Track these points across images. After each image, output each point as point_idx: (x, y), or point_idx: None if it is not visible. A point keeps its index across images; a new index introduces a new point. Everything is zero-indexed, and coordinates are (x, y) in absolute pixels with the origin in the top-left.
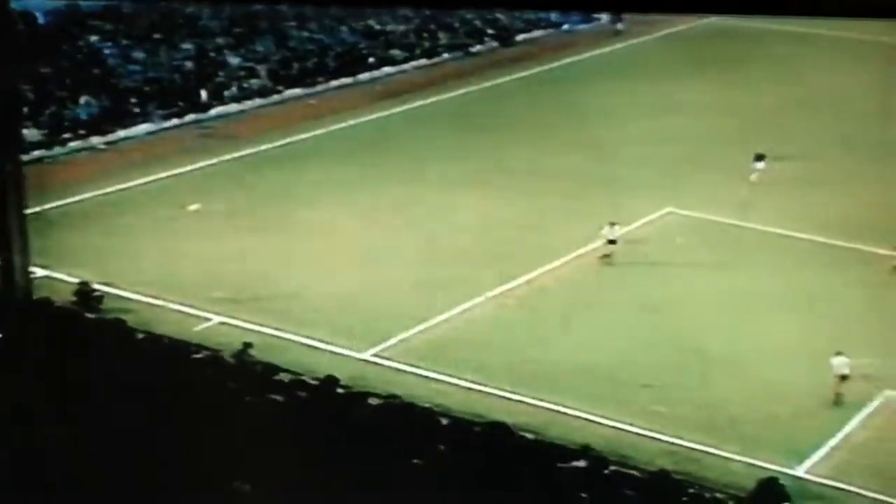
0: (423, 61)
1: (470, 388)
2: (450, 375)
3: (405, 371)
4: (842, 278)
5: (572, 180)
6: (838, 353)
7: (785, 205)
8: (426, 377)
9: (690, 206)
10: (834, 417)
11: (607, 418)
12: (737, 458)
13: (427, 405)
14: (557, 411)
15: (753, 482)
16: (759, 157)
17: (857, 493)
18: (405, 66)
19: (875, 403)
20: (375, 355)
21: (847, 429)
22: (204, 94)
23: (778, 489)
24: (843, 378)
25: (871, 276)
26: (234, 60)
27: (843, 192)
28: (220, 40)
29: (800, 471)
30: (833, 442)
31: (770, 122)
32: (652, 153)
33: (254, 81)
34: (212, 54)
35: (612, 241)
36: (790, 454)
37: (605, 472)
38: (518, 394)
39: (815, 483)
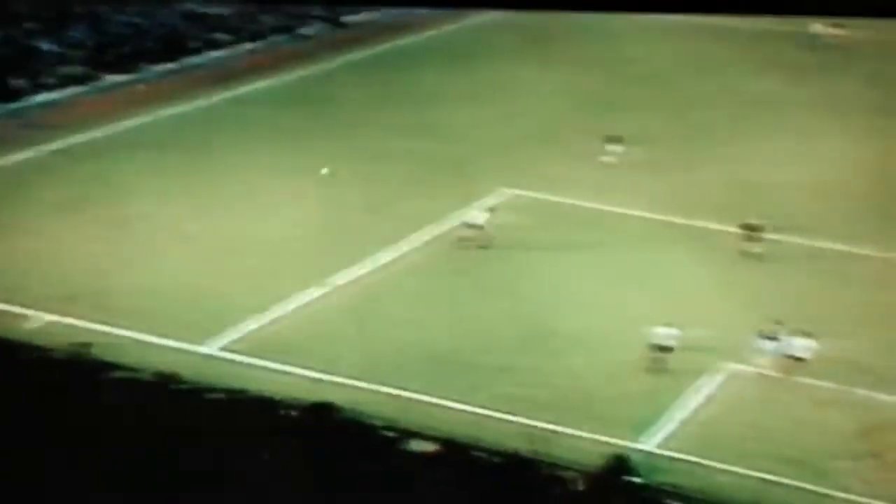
0: (251, 45)
1: (320, 380)
2: (299, 367)
3: (252, 364)
4: (688, 256)
5: (415, 164)
6: (665, 325)
7: (633, 186)
8: (274, 370)
9: (536, 187)
10: (681, 392)
11: (461, 403)
12: (588, 435)
13: (275, 398)
14: (410, 399)
15: (604, 459)
16: (612, 140)
17: (705, 465)
18: (232, 50)
19: (720, 377)
20: (222, 349)
21: (694, 402)
22: (18, 82)
23: (627, 464)
24: (664, 349)
25: (717, 253)
26: (48, 46)
27: (690, 172)
28: (30, 25)
29: (649, 445)
30: (681, 415)
31: (614, 104)
32: (496, 135)
33: (71, 68)
34: (23, 40)
35: (472, 226)
36: (639, 429)
37: (458, 456)
38: (370, 383)
39: (664, 457)
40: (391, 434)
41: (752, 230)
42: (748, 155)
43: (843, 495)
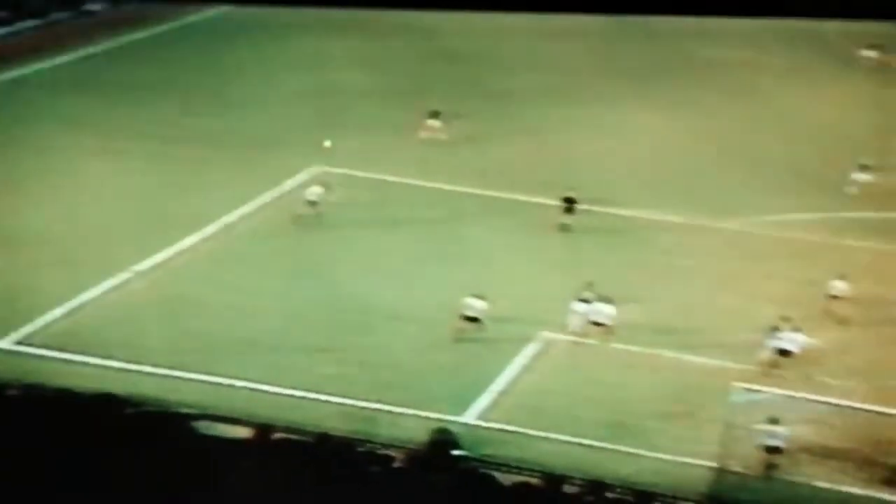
0: (31, 22)
1: (126, 370)
2: (101, 358)
3: (51, 358)
4: (505, 229)
5: (218, 143)
6: (475, 296)
7: (451, 161)
8: (75, 362)
9: (350, 164)
10: (499, 363)
11: (274, 385)
12: (408, 411)
13: (74, 391)
14: (221, 384)
15: (425, 434)
16: (434, 115)
17: (526, 434)
18: (10, 28)
19: (536, 346)
20: (18, 343)
21: (513, 372)
22: None
23: (448, 438)
24: (474, 320)
25: (533, 225)
26: None
27: (505, 146)
28: None
29: (469, 417)
30: (500, 386)
31: (429, 79)
32: (301, 111)
33: None
34: None
35: (311, 202)
36: (459, 402)
37: (272, 440)
38: (178, 370)
39: (485, 428)
40: (200, 421)
41: (566, 202)
42: (560, 126)
43: (658, 455)
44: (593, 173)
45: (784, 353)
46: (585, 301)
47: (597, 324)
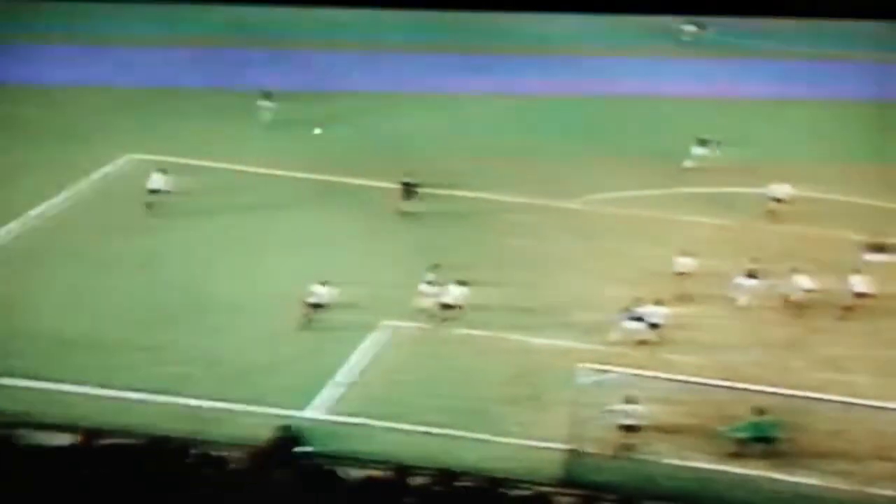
0: None
1: None
2: None
3: None
4: (346, 215)
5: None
6: (320, 283)
7: (282, 145)
8: None
9: (163, 150)
10: (345, 353)
11: (105, 388)
12: (248, 409)
13: None
14: (45, 389)
15: (267, 431)
16: (266, 95)
17: (374, 426)
18: None
19: (378, 333)
20: None
21: (355, 362)
22: None
23: (291, 435)
24: (319, 307)
25: (375, 210)
26: None
27: (344, 127)
28: None
29: (312, 412)
30: (342, 377)
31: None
32: (112, 98)
33: None
34: None
35: (152, 191)
36: (302, 396)
37: (97, 445)
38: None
39: (331, 422)
40: (19, 430)
41: (405, 186)
42: (397, 107)
43: (507, 440)
44: (430, 153)
45: (653, 326)
46: (433, 283)
47: (447, 306)
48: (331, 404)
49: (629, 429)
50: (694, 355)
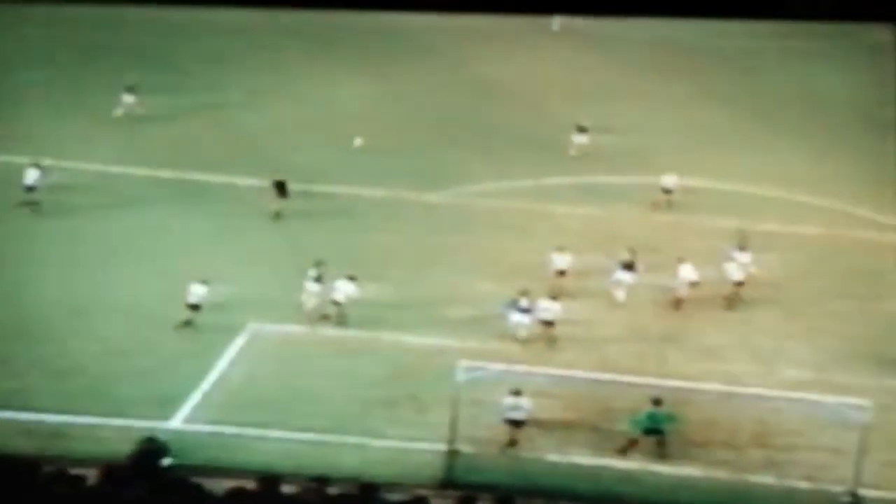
0: None
1: None
2: None
3: None
4: (210, 214)
5: None
6: (200, 282)
7: (141, 142)
8: None
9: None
10: (208, 358)
11: None
12: (108, 421)
13: None
14: None
15: (129, 445)
16: (129, 89)
17: (239, 434)
18: None
19: (242, 338)
20: None
21: (222, 368)
22: None
23: (154, 447)
24: (195, 308)
25: (245, 209)
26: None
27: (213, 124)
28: None
29: (177, 422)
30: (209, 385)
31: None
32: None
33: None
34: None
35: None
36: (165, 406)
37: None
38: None
39: (194, 432)
40: None
41: (277, 186)
42: (259, 101)
43: (385, 444)
44: (297, 149)
45: (546, 323)
46: (319, 280)
47: (338, 303)
48: (197, 413)
49: (515, 424)
50: (573, 350)
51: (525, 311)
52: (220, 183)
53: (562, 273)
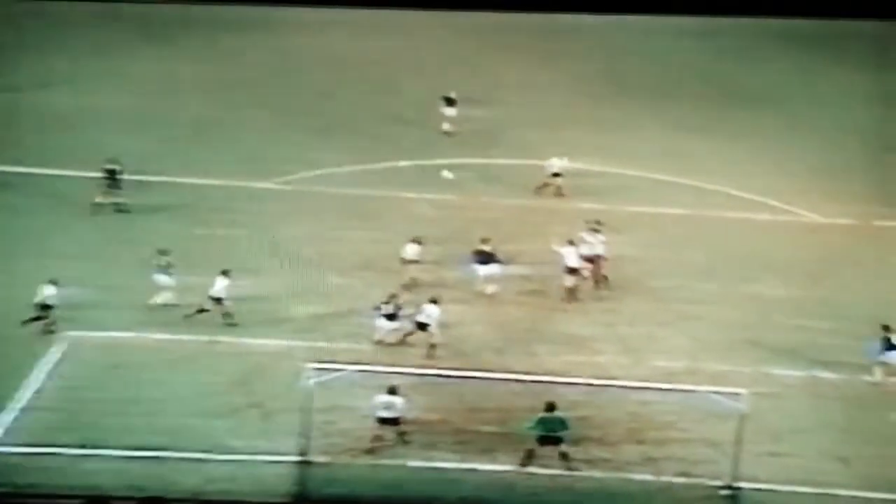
0: None
1: None
2: None
3: None
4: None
5: None
6: (51, 282)
7: None
8: None
9: None
10: (17, 372)
11: None
12: None
13: None
14: None
15: None
16: None
17: (59, 454)
18: None
19: (60, 346)
20: None
21: (35, 380)
22: None
23: None
24: (46, 308)
25: (75, 203)
26: None
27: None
28: None
29: None
30: (23, 401)
31: None
32: None
33: None
34: None
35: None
36: None
37: None
38: None
39: (10, 454)
40: None
41: (109, 175)
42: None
43: (225, 457)
44: (123, 137)
45: (421, 326)
46: (170, 273)
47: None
48: (11, 435)
49: (387, 423)
50: (435, 347)
51: (391, 316)
52: (34, 175)
53: (416, 264)
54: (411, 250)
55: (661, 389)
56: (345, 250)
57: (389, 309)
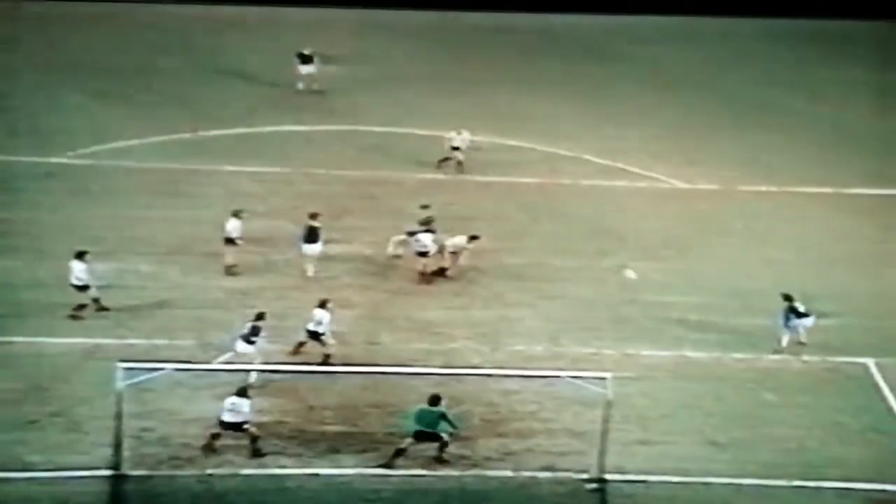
0: None
1: None
2: None
3: None
4: None
5: None
6: None
7: None
8: None
9: None
10: None
11: None
12: None
13: None
14: None
15: None
16: None
17: None
18: None
19: None
20: None
21: None
22: None
23: None
24: None
25: None
26: None
27: None
28: None
29: None
30: None
31: None
32: None
33: None
34: None
35: None
36: None
37: None
38: None
39: None
40: None
41: None
42: None
43: (25, 475)
44: None
45: (313, 335)
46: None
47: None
48: None
49: (231, 428)
50: (263, 337)
51: (249, 338)
52: None
53: (233, 242)
54: (232, 226)
55: (520, 377)
56: (154, 233)
57: (246, 330)
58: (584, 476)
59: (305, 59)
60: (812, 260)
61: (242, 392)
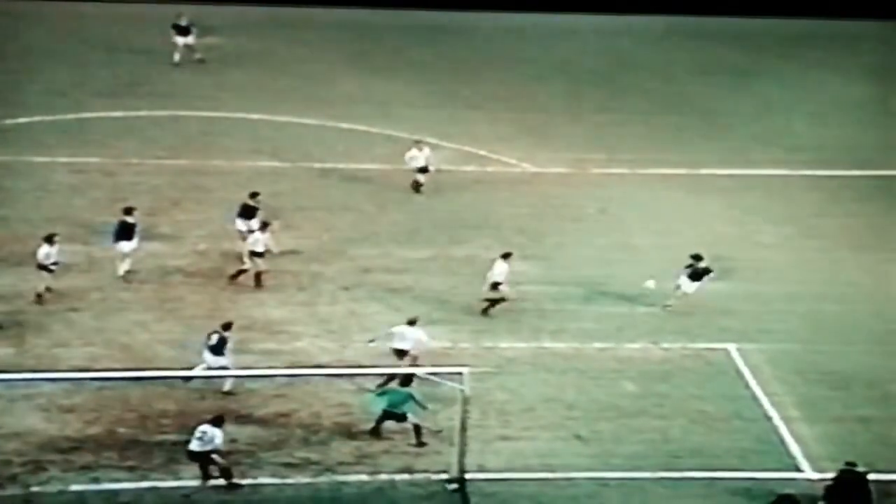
0: None
1: None
2: None
3: None
4: None
5: None
6: None
7: None
8: None
9: None
10: None
11: None
12: None
13: None
14: None
15: None
16: None
17: None
18: None
19: None
20: None
21: None
22: None
23: None
24: None
25: None
26: None
27: None
28: None
29: None
30: None
31: None
32: None
33: None
34: None
35: None
36: None
37: None
38: None
39: None
40: None
41: None
42: None
43: None
44: None
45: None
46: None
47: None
48: None
49: (195, 456)
50: (81, 336)
51: (216, 349)
52: None
53: (48, 270)
54: (44, 253)
55: (373, 375)
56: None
57: (213, 341)
58: (444, 476)
59: (181, 31)
60: (668, 244)
61: (217, 421)
